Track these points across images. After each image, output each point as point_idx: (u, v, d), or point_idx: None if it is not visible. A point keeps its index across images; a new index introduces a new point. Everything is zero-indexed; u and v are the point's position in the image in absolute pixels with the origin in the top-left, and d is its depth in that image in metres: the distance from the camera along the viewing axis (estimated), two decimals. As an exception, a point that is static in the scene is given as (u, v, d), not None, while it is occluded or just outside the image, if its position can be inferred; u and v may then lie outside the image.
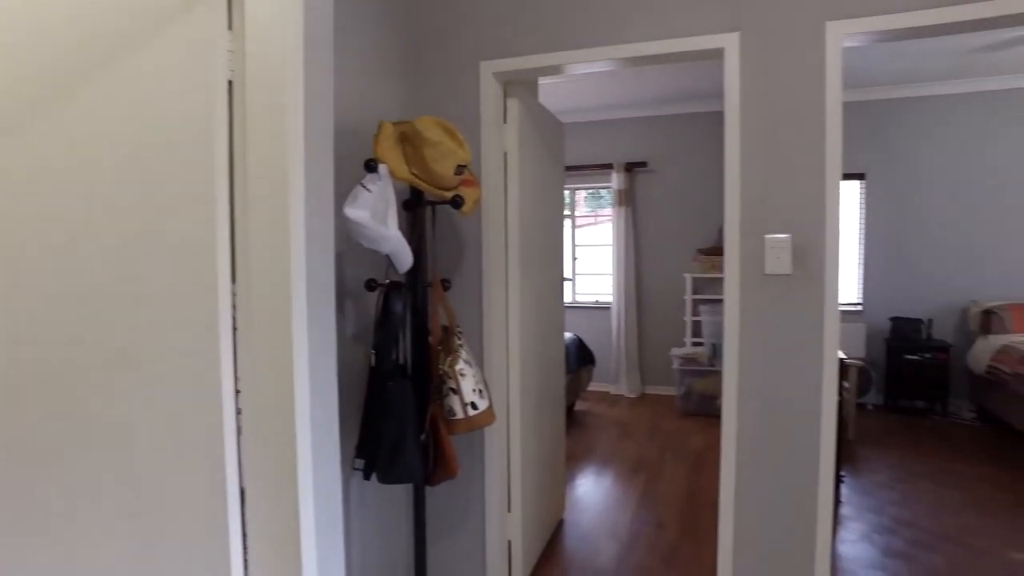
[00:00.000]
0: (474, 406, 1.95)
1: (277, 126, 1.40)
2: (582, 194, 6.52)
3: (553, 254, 3.05)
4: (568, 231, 6.49)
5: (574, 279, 6.53)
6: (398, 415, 1.86)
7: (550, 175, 2.96)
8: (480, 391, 1.99)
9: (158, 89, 1.44)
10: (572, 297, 6.51)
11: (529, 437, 2.63)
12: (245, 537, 1.53)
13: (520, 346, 2.50)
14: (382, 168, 1.81)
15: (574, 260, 6.52)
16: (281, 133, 1.40)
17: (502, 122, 2.44)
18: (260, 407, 1.48)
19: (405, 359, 2.05)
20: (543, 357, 2.84)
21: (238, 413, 1.49)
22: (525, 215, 2.55)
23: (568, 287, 6.50)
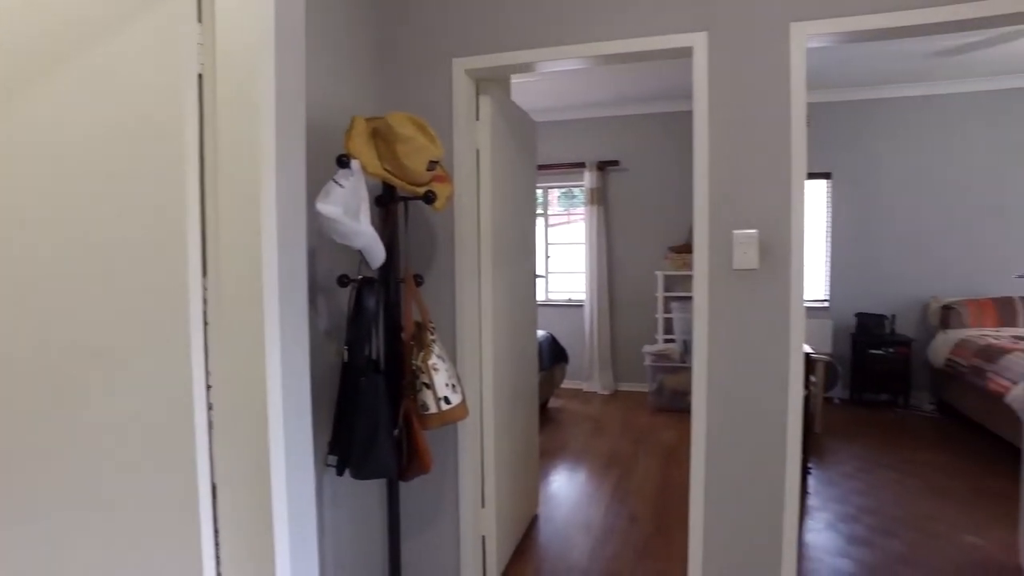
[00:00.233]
0: (447, 400, 1.96)
1: (248, 120, 1.40)
2: (555, 193, 6.55)
3: (526, 251, 3.07)
4: (541, 230, 6.52)
5: (547, 277, 6.57)
6: (371, 410, 1.86)
7: (522, 173, 2.98)
8: (453, 386, 2.00)
9: (126, 81, 1.42)
10: (545, 295, 6.54)
11: (503, 433, 2.65)
12: (217, 534, 1.52)
13: (493, 342, 2.51)
14: (354, 164, 1.81)
15: (547, 259, 6.56)
16: (253, 127, 1.39)
17: (474, 119, 2.45)
18: (232, 403, 1.47)
19: (378, 354, 2.05)
20: (516, 353, 2.86)
21: (209, 408, 1.48)
22: (497, 212, 2.56)
23: (541, 285, 6.53)
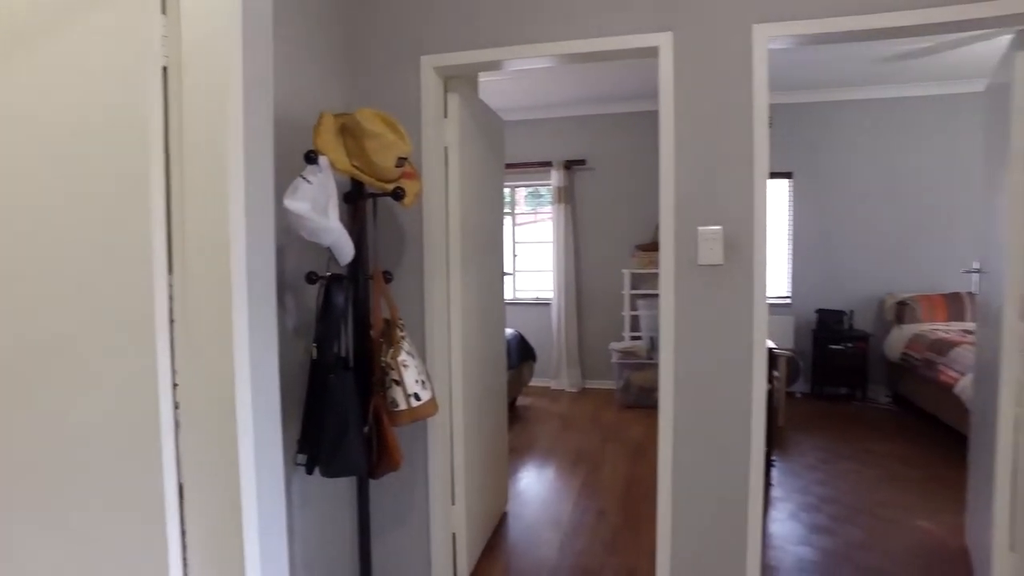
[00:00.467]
0: (417, 397, 1.96)
1: (215, 114, 1.38)
2: (522, 192, 6.58)
3: (494, 249, 3.08)
4: (509, 228, 6.54)
5: (515, 276, 6.59)
6: (340, 407, 1.85)
7: (490, 170, 2.99)
8: (423, 382, 2.00)
9: (87, 74, 1.39)
10: (513, 294, 6.56)
11: (472, 430, 2.66)
12: (184, 535, 1.50)
13: (462, 339, 2.52)
14: (322, 160, 1.80)
15: (514, 257, 6.58)
16: (220, 122, 1.38)
17: (442, 117, 2.45)
18: (200, 401, 1.45)
19: (347, 352, 2.04)
20: (485, 350, 2.87)
21: (176, 407, 1.46)
22: (466, 209, 2.57)
23: (509, 284, 6.55)
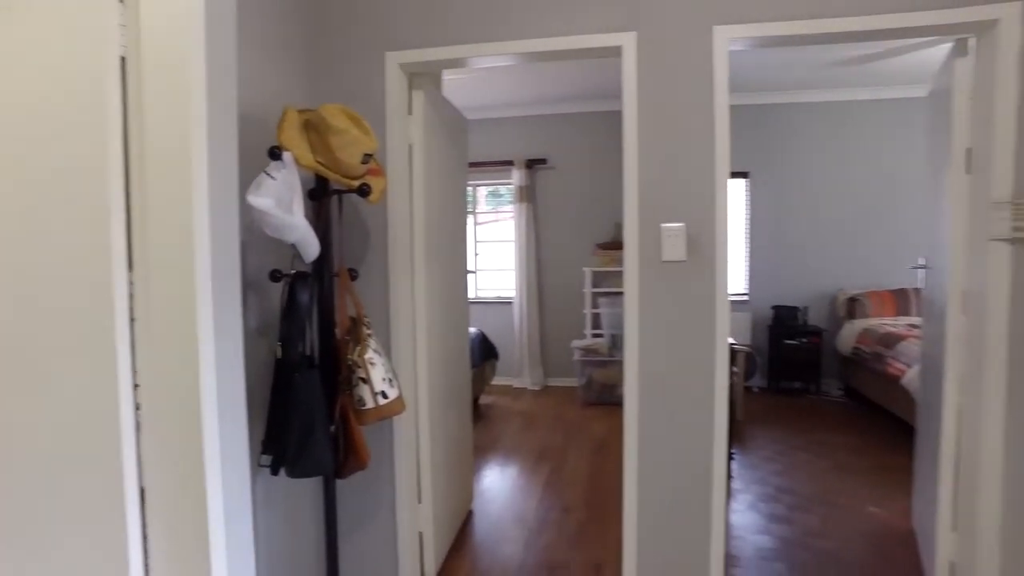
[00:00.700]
0: (384, 395, 1.94)
1: (177, 106, 1.34)
2: (483, 192, 6.58)
3: (457, 247, 3.07)
4: (470, 228, 6.53)
5: (476, 275, 6.58)
6: (306, 407, 1.83)
7: (454, 169, 2.98)
8: (390, 380, 1.98)
9: (40, 64, 1.34)
10: (474, 293, 6.56)
11: (438, 428, 2.65)
12: (146, 540, 1.45)
13: (427, 336, 2.51)
14: (286, 156, 1.77)
15: (476, 256, 6.58)
16: (182, 114, 1.34)
17: (407, 114, 2.44)
18: (162, 402, 1.41)
19: (312, 350, 2.01)
20: (450, 348, 2.86)
21: (137, 408, 1.41)
22: (430, 207, 2.56)
23: (471, 282, 6.54)
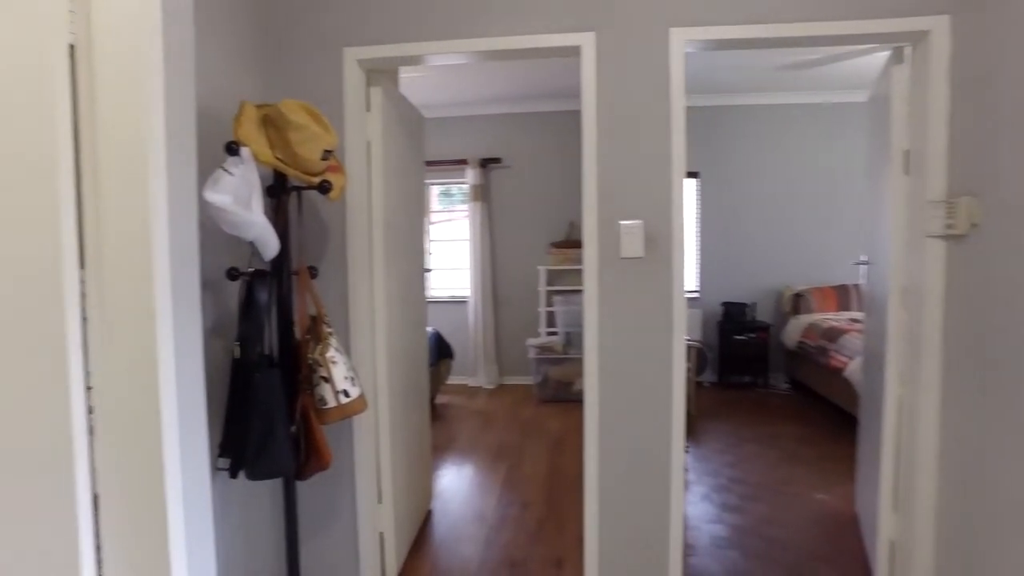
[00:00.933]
0: (346, 394, 1.92)
1: (132, 96, 1.30)
2: (435, 191, 6.54)
3: (415, 246, 3.06)
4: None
5: (430, 273, 6.55)
6: (266, 407, 1.79)
7: (412, 167, 2.97)
8: (352, 379, 1.96)
9: (-17, 51, 1.27)
10: (428, 292, 6.52)
11: (398, 427, 2.63)
12: (99, 549, 1.40)
13: (387, 335, 2.49)
14: (244, 151, 1.73)
15: (429, 255, 6.54)
16: (137, 104, 1.30)
17: (365, 111, 2.41)
18: (117, 405, 1.36)
19: (271, 349, 1.97)
20: (408, 347, 2.85)
21: (90, 412, 1.36)
22: (389, 205, 2.54)
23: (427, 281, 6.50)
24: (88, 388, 1.35)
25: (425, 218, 6.33)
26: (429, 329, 5.27)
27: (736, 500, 3.28)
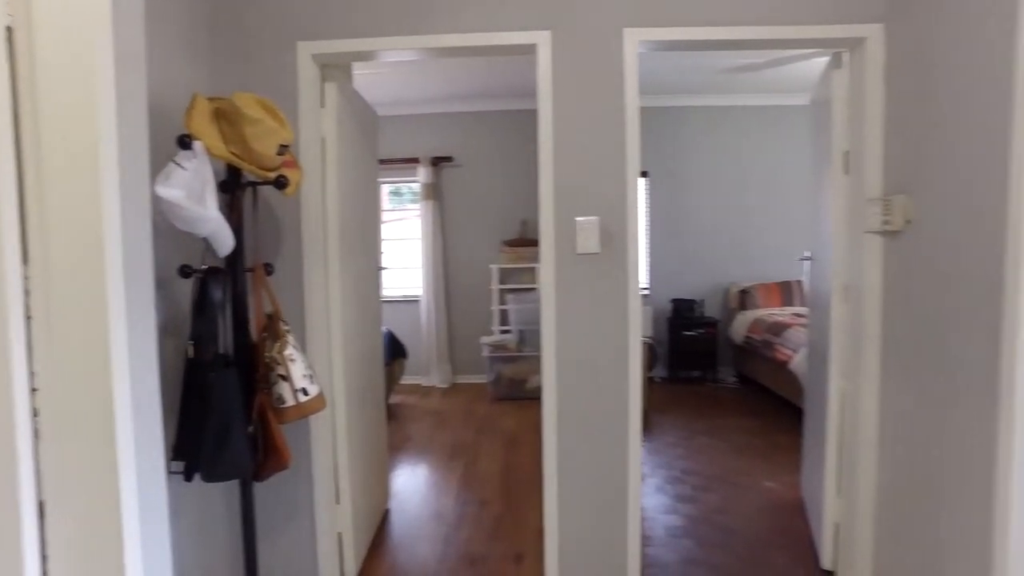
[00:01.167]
0: (305, 392, 1.89)
1: (79, 82, 1.25)
2: (385, 190, 6.47)
3: (370, 244, 3.03)
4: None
5: (386, 271, 6.47)
6: (222, 407, 1.74)
7: (367, 164, 2.93)
8: (310, 377, 1.93)
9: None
10: (382, 291, 6.44)
11: (355, 427, 2.59)
12: (45, 560, 1.34)
13: (343, 333, 2.45)
14: (197, 145, 1.68)
15: (380, 254, 6.46)
16: (85, 91, 1.25)
17: (319, 106, 2.37)
18: (65, 407, 1.30)
19: (227, 348, 1.92)
20: (364, 345, 2.82)
21: (35, 415, 1.30)
22: (344, 202, 2.50)
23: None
24: (33, 390, 1.29)
25: (379, 216, 6.26)
26: (383, 328, 5.22)
27: (689, 491, 3.37)
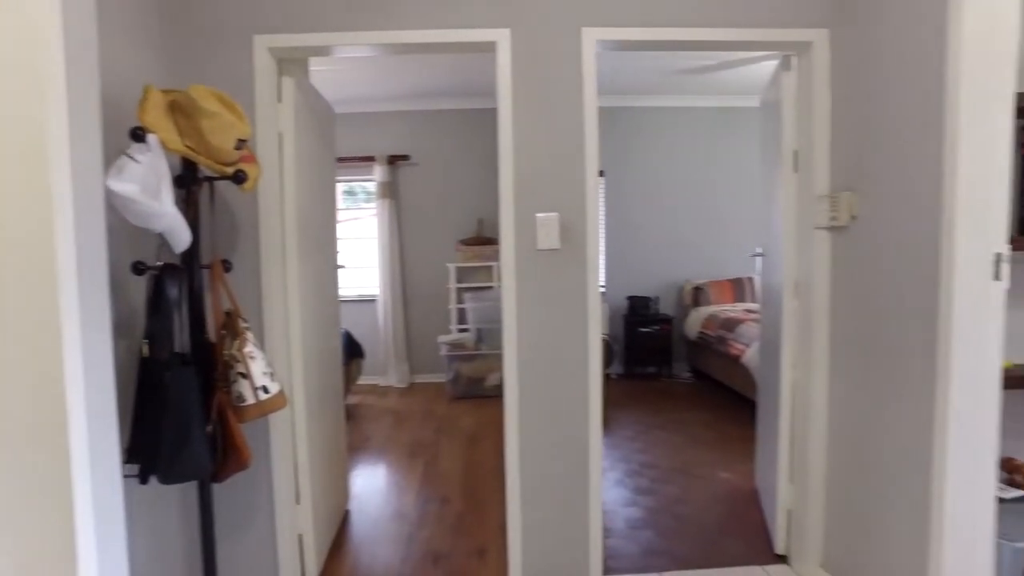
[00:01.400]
0: (265, 390, 1.86)
1: (25, 66, 1.20)
2: (340, 189, 6.38)
3: (328, 241, 3.00)
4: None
5: (344, 269, 6.38)
6: (180, 407, 1.71)
7: (324, 160, 2.90)
8: (271, 374, 1.90)
9: None
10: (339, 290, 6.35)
11: (314, 426, 2.56)
12: (-7, 566, 1.29)
13: (301, 331, 2.42)
14: (151, 138, 1.64)
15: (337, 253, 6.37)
16: (34, 78, 1.21)
17: (276, 101, 2.34)
18: (11, 408, 1.25)
19: (183, 347, 1.87)
20: (322, 344, 2.78)
21: (-17, 416, 1.25)
22: (302, 199, 2.47)
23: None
24: (-19, 391, 1.24)
25: (336, 214, 6.17)
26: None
27: (648, 483, 3.45)
